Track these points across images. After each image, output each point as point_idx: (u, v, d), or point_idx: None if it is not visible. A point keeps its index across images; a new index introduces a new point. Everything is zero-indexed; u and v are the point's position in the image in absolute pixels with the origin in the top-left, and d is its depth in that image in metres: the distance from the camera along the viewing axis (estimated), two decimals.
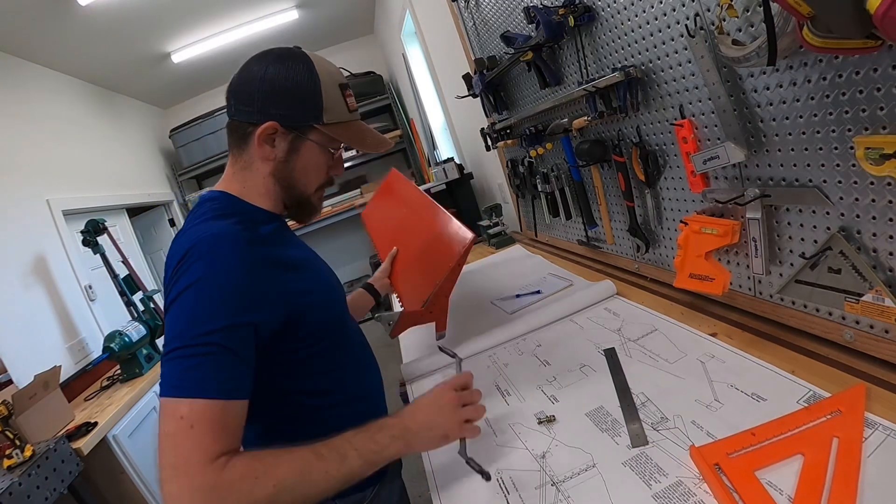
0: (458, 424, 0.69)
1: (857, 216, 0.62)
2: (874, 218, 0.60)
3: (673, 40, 0.81)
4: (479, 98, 1.81)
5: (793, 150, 0.68)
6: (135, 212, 3.71)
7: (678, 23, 0.78)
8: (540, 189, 1.56)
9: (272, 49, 0.78)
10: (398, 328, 1.01)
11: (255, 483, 0.57)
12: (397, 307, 1.38)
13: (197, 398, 0.57)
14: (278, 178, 0.78)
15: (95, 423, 1.79)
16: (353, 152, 4.26)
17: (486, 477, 0.66)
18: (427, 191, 2.38)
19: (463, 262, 1.00)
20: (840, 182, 0.63)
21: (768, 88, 0.68)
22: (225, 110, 0.79)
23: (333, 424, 0.67)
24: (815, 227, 0.69)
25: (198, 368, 0.59)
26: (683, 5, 0.76)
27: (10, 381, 1.96)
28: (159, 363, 0.69)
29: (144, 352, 2.32)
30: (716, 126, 0.79)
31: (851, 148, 0.58)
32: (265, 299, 0.66)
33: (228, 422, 0.59)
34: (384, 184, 1.55)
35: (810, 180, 0.67)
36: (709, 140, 0.82)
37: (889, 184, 0.57)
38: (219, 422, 0.58)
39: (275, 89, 0.74)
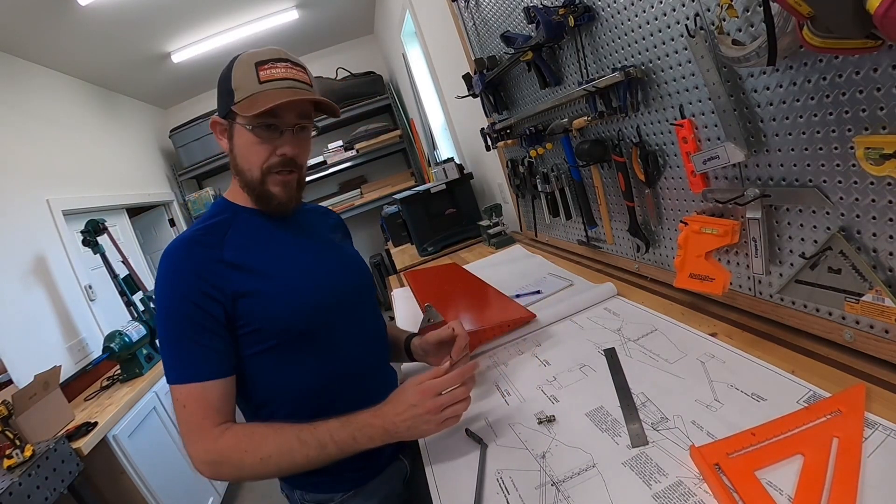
0: (437, 426, 0.73)
1: (857, 216, 0.62)
2: (874, 218, 0.60)
3: (673, 40, 0.81)
4: (479, 98, 1.81)
5: (793, 150, 0.68)
6: (135, 212, 3.70)
7: (678, 23, 0.78)
8: (540, 189, 1.56)
9: None
10: (429, 328, 1.02)
11: (244, 455, 0.70)
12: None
13: (181, 384, 0.72)
14: (234, 169, 0.85)
15: (95, 423, 1.79)
16: (353, 152, 4.27)
17: (483, 444, 0.74)
18: (427, 191, 2.38)
19: (511, 329, 1.08)
20: (840, 182, 0.63)
21: (768, 88, 0.68)
22: None
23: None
24: (815, 227, 0.69)
25: (177, 358, 0.73)
26: (683, 5, 0.76)
27: (10, 381, 1.96)
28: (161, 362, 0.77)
29: (144, 352, 2.32)
30: (716, 126, 0.79)
31: (851, 148, 0.58)
32: (208, 283, 0.74)
33: (212, 400, 0.72)
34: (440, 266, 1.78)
35: (810, 180, 0.67)
36: (709, 140, 0.82)
37: (889, 184, 0.57)
38: (203, 401, 0.71)
39: (217, 88, 0.84)
